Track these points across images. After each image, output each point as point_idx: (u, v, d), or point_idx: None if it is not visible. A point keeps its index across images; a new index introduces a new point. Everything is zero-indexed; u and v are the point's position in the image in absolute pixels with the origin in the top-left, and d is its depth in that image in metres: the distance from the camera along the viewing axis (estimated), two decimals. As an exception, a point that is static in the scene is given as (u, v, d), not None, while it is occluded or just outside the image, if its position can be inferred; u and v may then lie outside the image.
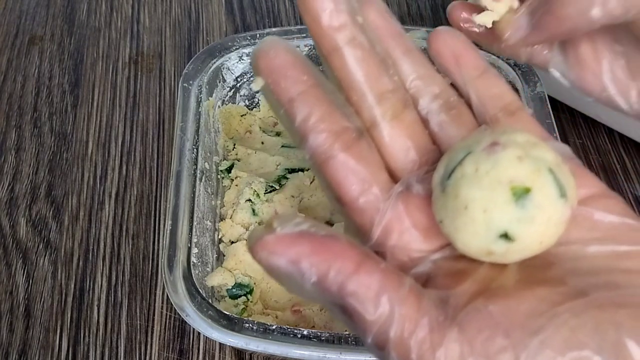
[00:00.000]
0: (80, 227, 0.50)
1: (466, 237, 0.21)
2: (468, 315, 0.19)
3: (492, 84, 0.26)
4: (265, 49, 0.22)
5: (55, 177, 0.53)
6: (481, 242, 0.20)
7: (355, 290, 0.19)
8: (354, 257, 0.19)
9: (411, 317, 0.19)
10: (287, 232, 0.19)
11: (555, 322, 0.19)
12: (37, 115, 0.57)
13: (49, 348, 0.44)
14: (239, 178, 0.48)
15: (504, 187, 0.20)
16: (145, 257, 0.48)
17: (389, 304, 0.19)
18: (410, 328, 0.19)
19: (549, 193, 0.20)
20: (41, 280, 0.47)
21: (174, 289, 0.37)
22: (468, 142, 0.22)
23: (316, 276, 0.19)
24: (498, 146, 0.20)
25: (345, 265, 0.19)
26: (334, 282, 0.19)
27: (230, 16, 0.64)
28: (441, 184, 0.21)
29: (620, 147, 0.55)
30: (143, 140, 0.55)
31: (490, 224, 0.20)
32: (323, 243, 0.19)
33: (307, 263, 0.19)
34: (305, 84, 0.22)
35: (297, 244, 0.19)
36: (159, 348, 0.44)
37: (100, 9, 0.65)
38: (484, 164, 0.20)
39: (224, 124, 0.51)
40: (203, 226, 0.43)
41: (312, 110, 0.22)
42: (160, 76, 0.59)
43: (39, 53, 0.61)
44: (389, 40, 0.25)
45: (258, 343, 0.35)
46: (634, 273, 0.21)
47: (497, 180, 0.20)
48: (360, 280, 0.19)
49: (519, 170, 0.20)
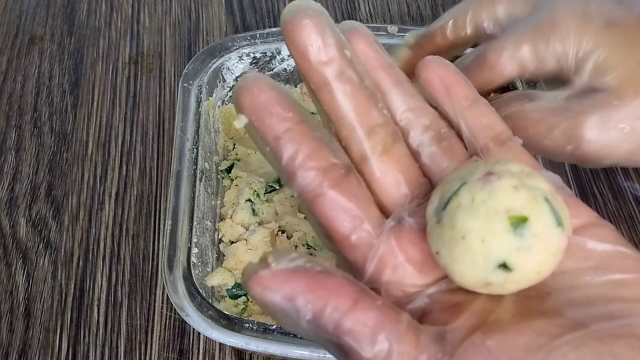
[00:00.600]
0: (80, 227, 0.50)
1: (464, 267, 0.20)
2: (466, 351, 0.19)
3: (482, 113, 0.25)
4: (249, 86, 0.22)
5: (55, 177, 0.53)
6: (479, 273, 0.20)
7: (352, 328, 0.19)
8: (350, 293, 0.19)
9: (409, 355, 0.19)
10: (282, 267, 0.19)
11: (554, 356, 0.18)
12: (37, 115, 0.57)
13: (49, 348, 0.44)
14: (239, 178, 0.48)
15: (502, 217, 0.20)
16: (145, 257, 0.48)
17: (387, 341, 0.19)
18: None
19: (546, 222, 0.20)
20: (41, 280, 0.47)
21: (174, 289, 0.37)
22: (461, 173, 0.21)
23: (312, 313, 0.19)
24: (493, 176, 0.20)
25: (341, 302, 0.19)
26: (329, 319, 0.19)
27: (230, 16, 0.64)
28: (436, 214, 0.21)
29: (620, 147, 0.55)
30: (143, 140, 0.55)
31: (488, 254, 0.20)
32: (319, 279, 0.19)
33: (303, 300, 0.19)
34: (290, 121, 0.22)
35: (292, 280, 0.19)
36: (159, 348, 0.44)
37: (100, 9, 0.65)
38: (480, 193, 0.20)
39: (224, 124, 0.51)
40: (203, 226, 0.43)
41: (299, 148, 0.22)
42: (160, 76, 0.59)
43: (39, 53, 0.61)
44: (379, 71, 0.25)
45: (258, 343, 0.35)
46: (631, 302, 0.21)
47: (494, 210, 0.20)
48: (357, 318, 0.19)
49: (515, 200, 0.20)
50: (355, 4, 0.65)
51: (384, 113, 0.24)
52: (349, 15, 0.64)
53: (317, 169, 0.22)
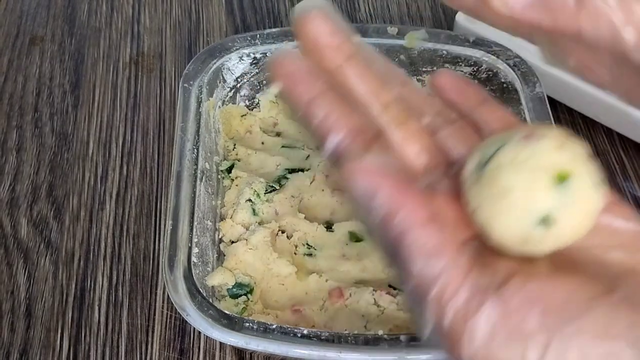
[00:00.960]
0: (81, 227, 0.50)
1: (504, 222, 0.21)
2: (508, 292, 0.19)
3: (494, 109, 0.27)
4: (281, 57, 0.23)
5: (56, 177, 0.53)
6: (520, 227, 0.20)
7: (412, 243, 0.20)
8: (424, 212, 0.20)
9: (459, 281, 0.20)
10: (375, 161, 0.20)
11: (592, 313, 0.19)
12: (38, 116, 0.57)
13: (50, 348, 0.44)
14: (239, 178, 0.49)
15: (546, 172, 0.20)
16: (146, 257, 0.48)
17: (443, 261, 0.20)
18: (453, 290, 0.19)
19: (587, 180, 0.21)
20: (42, 280, 0.47)
21: (174, 289, 0.37)
22: (499, 137, 0.22)
23: (382, 215, 0.20)
24: (534, 136, 0.21)
25: (412, 216, 0.20)
26: (396, 226, 0.20)
27: (230, 16, 0.64)
28: (476, 172, 0.21)
29: (619, 147, 0.55)
30: (144, 140, 0.55)
31: (531, 208, 0.20)
32: (403, 186, 0.20)
33: (381, 199, 0.20)
34: (321, 88, 0.23)
35: (380, 176, 0.20)
36: (159, 347, 0.44)
37: (101, 10, 0.65)
38: (522, 152, 0.21)
39: (224, 124, 0.51)
40: (203, 226, 0.43)
41: (330, 110, 0.23)
42: (160, 76, 0.59)
43: (40, 53, 0.61)
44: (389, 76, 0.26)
45: (258, 342, 0.36)
46: None
47: (538, 166, 0.20)
48: (421, 235, 0.20)
49: (559, 157, 0.20)
50: (355, 4, 0.66)
51: (395, 91, 0.25)
52: (349, 15, 0.64)
53: (349, 129, 0.22)
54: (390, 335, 0.36)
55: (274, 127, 0.53)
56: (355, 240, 0.46)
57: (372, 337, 0.36)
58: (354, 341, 0.36)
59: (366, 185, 0.20)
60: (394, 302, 0.42)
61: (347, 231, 0.46)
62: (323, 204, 0.48)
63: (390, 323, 0.41)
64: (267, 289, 0.44)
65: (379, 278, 0.44)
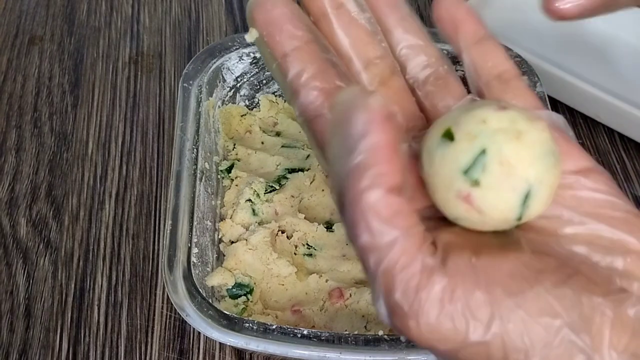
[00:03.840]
0: (80, 227, 0.50)
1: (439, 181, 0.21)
2: (455, 265, 0.19)
3: (489, 51, 0.26)
4: (263, 1, 0.22)
5: (55, 177, 0.53)
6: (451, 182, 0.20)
7: (373, 205, 0.19)
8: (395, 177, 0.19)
9: (410, 253, 0.19)
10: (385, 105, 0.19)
11: (536, 289, 0.19)
12: (37, 115, 0.57)
13: (49, 348, 0.44)
14: (239, 178, 0.48)
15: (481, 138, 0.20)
16: (146, 257, 0.48)
17: (396, 232, 0.19)
18: (404, 263, 0.19)
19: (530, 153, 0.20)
20: (41, 280, 0.47)
21: (174, 289, 0.37)
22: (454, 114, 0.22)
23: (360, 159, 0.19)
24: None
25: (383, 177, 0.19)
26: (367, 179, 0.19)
27: (230, 16, 0.64)
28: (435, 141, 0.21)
29: (619, 147, 0.55)
30: (143, 140, 0.55)
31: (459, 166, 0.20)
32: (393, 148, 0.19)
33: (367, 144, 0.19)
34: (300, 40, 0.22)
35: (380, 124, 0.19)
36: (159, 348, 0.44)
37: (100, 9, 0.65)
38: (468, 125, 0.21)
39: (224, 124, 0.51)
40: (203, 226, 0.43)
41: (305, 67, 0.22)
42: (160, 76, 0.59)
43: (39, 53, 0.61)
44: (384, 8, 0.25)
45: (258, 343, 0.35)
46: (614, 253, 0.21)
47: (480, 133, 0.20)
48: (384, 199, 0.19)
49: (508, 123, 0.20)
50: (355, 4, 0.65)
51: (383, 46, 0.24)
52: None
53: (321, 89, 0.22)
54: (391, 336, 0.36)
55: (274, 127, 0.53)
56: (355, 240, 0.46)
57: (372, 338, 0.36)
58: (354, 342, 0.36)
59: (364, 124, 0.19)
60: (394, 302, 0.42)
61: (347, 231, 0.46)
62: (323, 204, 0.48)
63: (391, 323, 0.41)
64: (267, 289, 0.44)
65: (379, 278, 0.44)
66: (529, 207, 0.20)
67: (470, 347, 0.19)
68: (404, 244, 0.19)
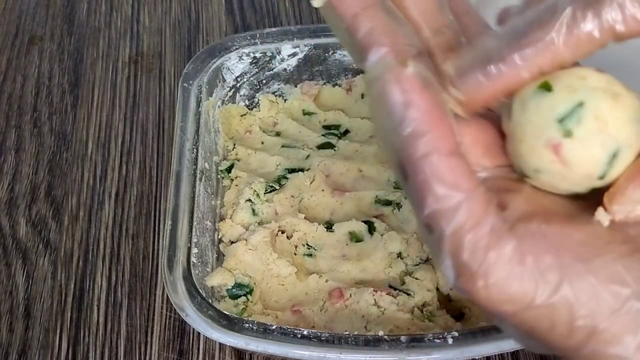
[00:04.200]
0: (80, 227, 0.50)
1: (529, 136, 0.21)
2: (525, 229, 0.20)
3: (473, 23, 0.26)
4: None
5: (55, 177, 0.53)
6: (544, 132, 0.20)
7: (436, 168, 0.19)
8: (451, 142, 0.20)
9: (476, 215, 0.19)
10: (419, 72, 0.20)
11: (605, 258, 0.19)
12: (37, 115, 0.57)
13: (48, 348, 0.44)
14: (239, 178, 0.48)
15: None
16: (145, 257, 0.48)
17: (461, 195, 0.19)
18: (472, 224, 0.19)
19: (623, 115, 0.20)
20: (41, 281, 0.47)
21: (173, 289, 0.37)
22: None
23: (412, 129, 0.20)
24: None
25: (438, 141, 0.19)
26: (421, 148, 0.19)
27: (230, 16, 0.64)
28: (527, 94, 0.21)
29: None
30: (143, 140, 0.55)
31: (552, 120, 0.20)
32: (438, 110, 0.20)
33: (414, 114, 0.20)
34: (368, 2, 0.23)
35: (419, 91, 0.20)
36: (158, 348, 0.44)
37: (100, 9, 0.65)
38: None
39: (224, 124, 0.51)
40: (203, 226, 0.43)
41: (375, 26, 0.22)
42: (160, 76, 0.59)
43: (39, 53, 0.61)
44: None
45: (258, 343, 0.35)
46: None
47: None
48: (445, 164, 0.19)
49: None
50: (355, 4, 0.65)
51: (450, 18, 0.25)
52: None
53: (391, 46, 0.22)
54: (391, 336, 0.36)
55: (274, 127, 0.53)
56: (355, 240, 0.46)
57: (372, 338, 0.36)
58: (354, 342, 0.35)
59: (403, 94, 0.20)
60: (394, 302, 0.42)
61: (347, 231, 0.46)
62: (323, 204, 0.48)
63: (391, 324, 0.41)
64: (266, 290, 0.44)
65: (379, 278, 0.44)
66: (613, 167, 0.20)
67: (535, 309, 0.19)
68: (471, 206, 0.19)
